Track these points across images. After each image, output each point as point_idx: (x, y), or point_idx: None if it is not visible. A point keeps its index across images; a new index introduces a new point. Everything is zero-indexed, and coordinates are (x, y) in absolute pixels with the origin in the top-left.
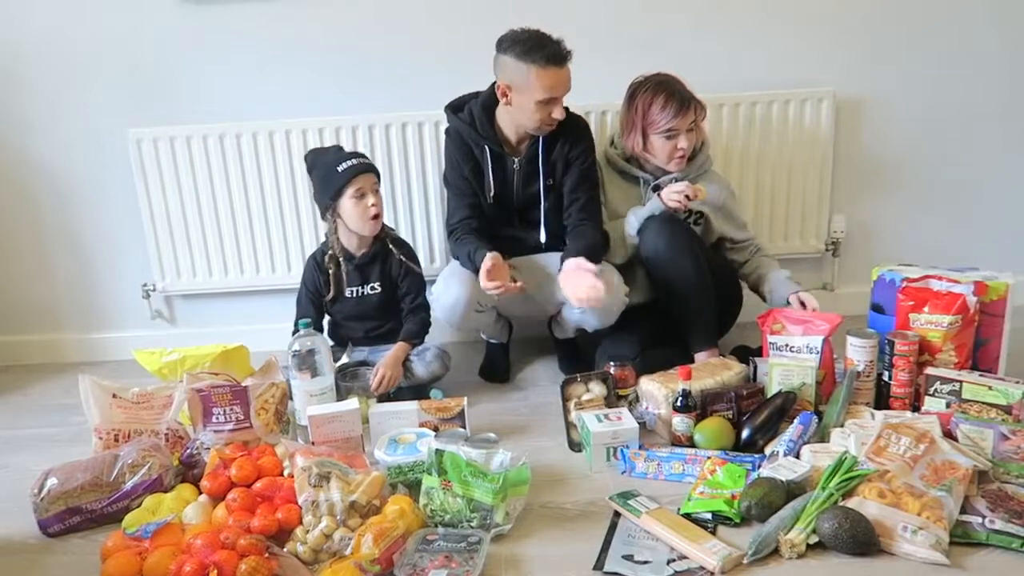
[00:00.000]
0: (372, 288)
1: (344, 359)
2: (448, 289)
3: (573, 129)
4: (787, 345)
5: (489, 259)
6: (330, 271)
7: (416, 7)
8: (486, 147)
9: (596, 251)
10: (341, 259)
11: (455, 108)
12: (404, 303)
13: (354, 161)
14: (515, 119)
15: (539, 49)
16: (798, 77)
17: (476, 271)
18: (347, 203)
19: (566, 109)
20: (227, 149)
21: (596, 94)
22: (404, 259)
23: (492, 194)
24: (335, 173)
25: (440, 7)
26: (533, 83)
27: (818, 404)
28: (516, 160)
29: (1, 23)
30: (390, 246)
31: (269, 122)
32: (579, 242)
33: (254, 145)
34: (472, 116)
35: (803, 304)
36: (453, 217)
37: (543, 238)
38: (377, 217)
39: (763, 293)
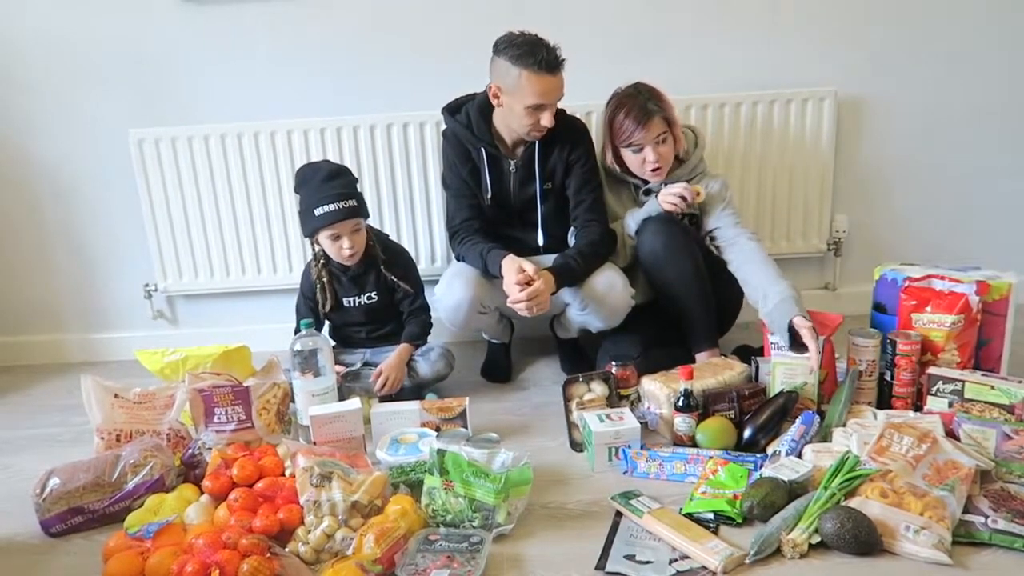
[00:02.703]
0: (369, 298)
1: (358, 365)
2: (451, 291)
3: (571, 132)
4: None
5: (519, 271)
6: (324, 280)
7: (416, 8)
8: (482, 149)
9: (598, 248)
10: (333, 271)
11: (452, 110)
12: (403, 307)
13: (332, 207)
14: (506, 122)
15: (532, 54)
16: (799, 77)
17: (486, 270)
18: (324, 240)
19: (562, 112)
20: (228, 149)
21: (596, 94)
22: (395, 280)
23: (489, 196)
24: (312, 215)
25: (440, 8)
26: (524, 88)
27: (820, 404)
28: (512, 163)
29: (2, 24)
30: (381, 267)
31: (270, 122)
32: (581, 241)
33: (255, 145)
34: (469, 118)
35: (800, 343)
36: (455, 219)
37: (541, 240)
38: (352, 257)
39: (748, 295)
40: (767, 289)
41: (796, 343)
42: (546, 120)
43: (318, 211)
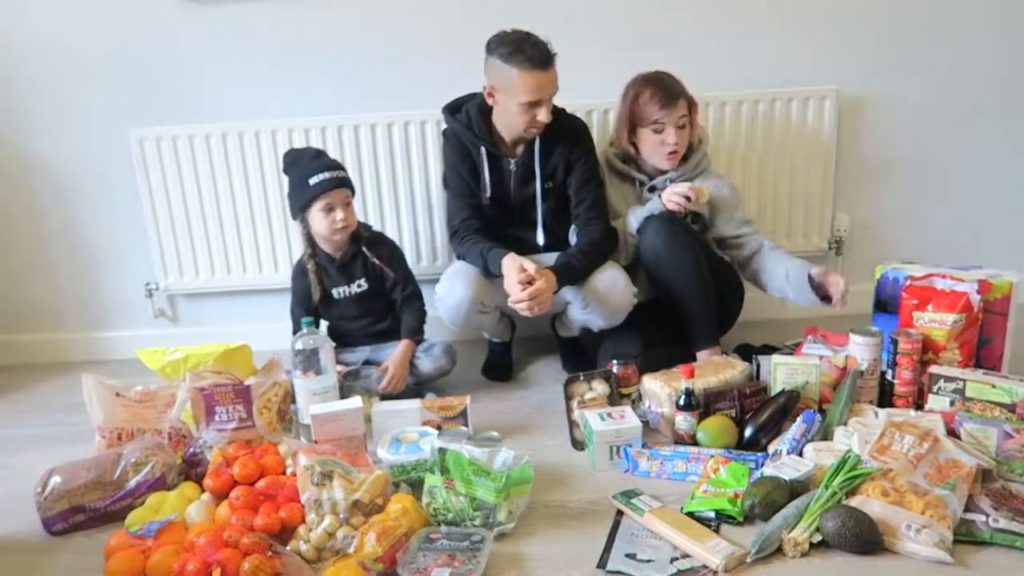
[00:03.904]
0: (359, 286)
1: (359, 364)
2: (452, 290)
3: (571, 131)
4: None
5: (520, 270)
6: (310, 270)
7: (416, 7)
8: (482, 148)
9: (599, 247)
10: (321, 263)
11: (452, 110)
12: (395, 294)
13: (326, 175)
14: (505, 120)
15: (522, 51)
16: (801, 75)
17: (487, 269)
18: (315, 215)
19: (563, 111)
20: (229, 148)
21: (597, 93)
22: (378, 261)
23: (488, 195)
24: (306, 186)
25: (440, 7)
26: (517, 85)
27: (832, 386)
28: (512, 161)
29: (3, 23)
30: (363, 248)
31: (270, 121)
32: (583, 239)
33: (256, 144)
34: (469, 117)
35: (827, 292)
36: (455, 218)
37: (541, 240)
38: (344, 229)
39: (768, 287)
40: (787, 267)
41: (821, 297)
42: (542, 116)
43: (312, 180)
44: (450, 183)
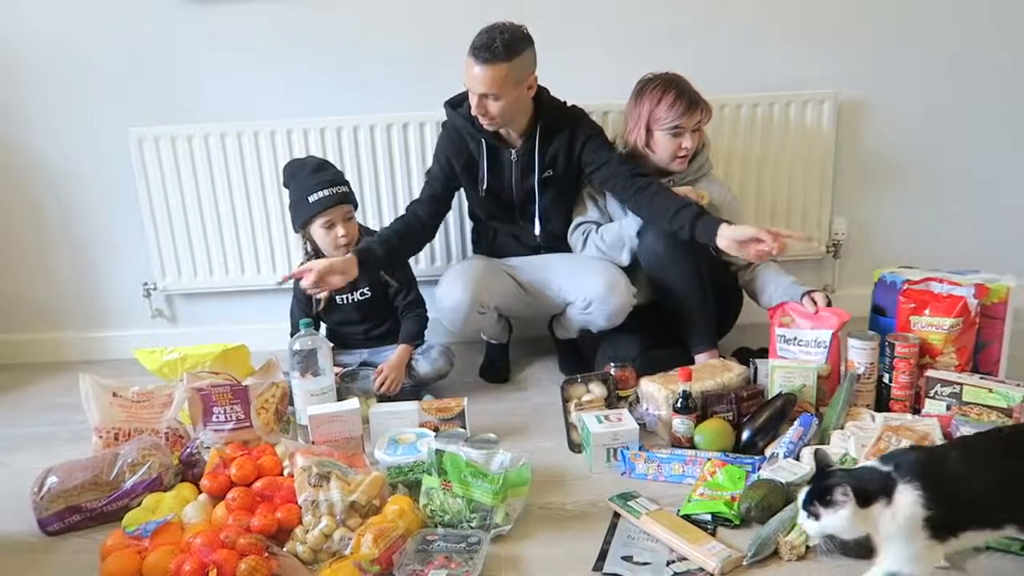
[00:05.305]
0: (362, 293)
1: (355, 365)
2: (451, 292)
3: (569, 119)
4: (795, 338)
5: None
6: None
7: (416, 7)
8: (482, 141)
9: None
10: None
11: (454, 104)
12: (397, 301)
13: (325, 193)
14: None
15: (479, 41)
16: (800, 78)
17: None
18: (317, 231)
19: (563, 103)
20: (228, 148)
21: (597, 94)
22: (384, 274)
23: (484, 187)
24: (305, 203)
25: (441, 7)
26: (465, 69)
27: (820, 405)
28: (513, 152)
29: (3, 23)
30: None
31: (270, 121)
32: (652, 194)
33: (255, 144)
34: (471, 110)
35: (813, 301)
36: (410, 202)
37: (537, 231)
38: (347, 245)
39: (762, 299)
40: (776, 287)
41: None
42: (475, 109)
43: (312, 198)
44: (430, 172)
